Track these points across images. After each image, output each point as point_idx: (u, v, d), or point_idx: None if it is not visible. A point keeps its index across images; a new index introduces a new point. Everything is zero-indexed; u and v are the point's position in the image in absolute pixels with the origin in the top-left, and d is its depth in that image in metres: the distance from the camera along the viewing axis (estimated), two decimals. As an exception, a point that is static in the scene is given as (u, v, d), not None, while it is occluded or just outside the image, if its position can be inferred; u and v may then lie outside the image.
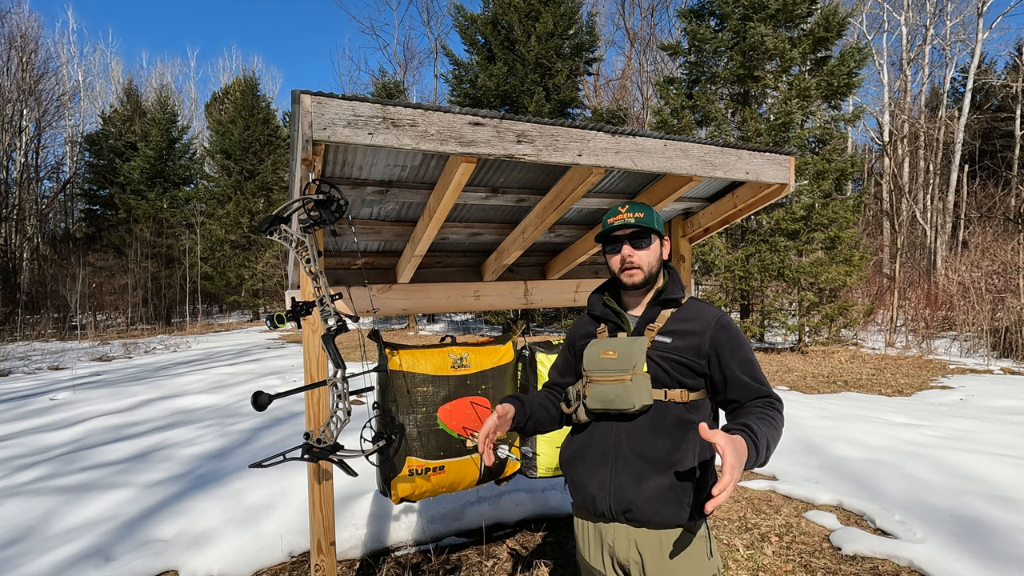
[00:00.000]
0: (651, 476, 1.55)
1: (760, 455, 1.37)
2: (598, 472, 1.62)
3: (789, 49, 12.75)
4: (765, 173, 2.47)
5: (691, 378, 1.58)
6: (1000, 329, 11.93)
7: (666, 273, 1.71)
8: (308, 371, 2.30)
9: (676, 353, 1.57)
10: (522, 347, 2.84)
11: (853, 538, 3.39)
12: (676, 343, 1.58)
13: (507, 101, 17.85)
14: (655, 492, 1.54)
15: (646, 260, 1.63)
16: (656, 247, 1.66)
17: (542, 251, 3.39)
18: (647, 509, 1.54)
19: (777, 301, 13.56)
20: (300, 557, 3.32)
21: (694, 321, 1.60)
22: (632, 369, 1.55)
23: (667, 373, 1.57)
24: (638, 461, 1.56)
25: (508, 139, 1.88)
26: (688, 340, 1.57)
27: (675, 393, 1.57)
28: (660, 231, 1.66)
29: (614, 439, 1.61)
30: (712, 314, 1.62)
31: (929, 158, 24.50)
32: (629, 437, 1.59)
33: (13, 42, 27.06)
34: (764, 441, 1.38)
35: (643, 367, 1.56)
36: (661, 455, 1.55)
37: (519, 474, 2.85)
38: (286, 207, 1.81)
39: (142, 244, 25.32)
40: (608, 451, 1.61)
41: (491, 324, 19.66)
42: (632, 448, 1.58)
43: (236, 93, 28.76)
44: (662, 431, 1.57)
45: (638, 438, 1.58)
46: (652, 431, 1.57)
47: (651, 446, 1.56)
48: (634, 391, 1.53)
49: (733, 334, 1.59)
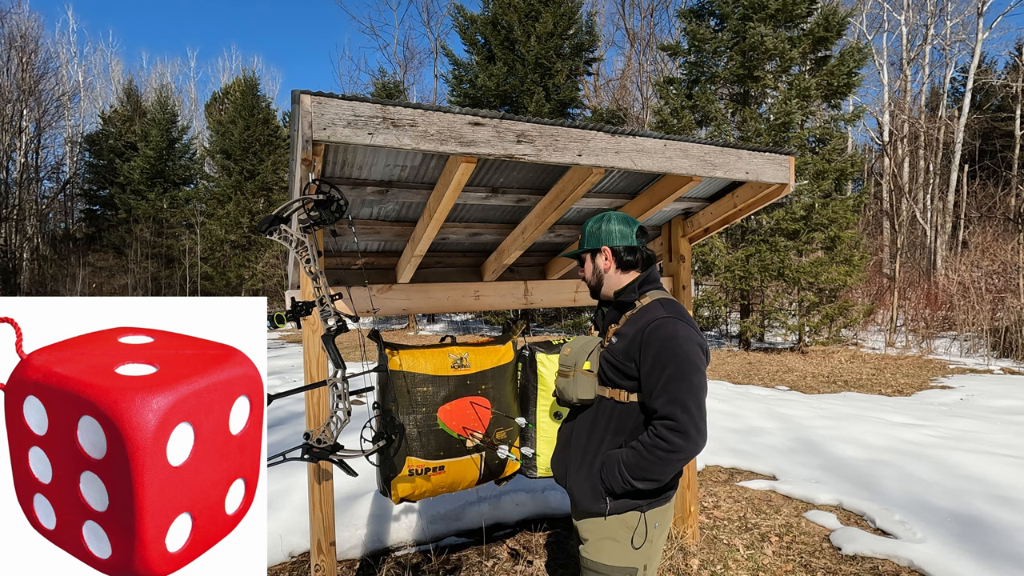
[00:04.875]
0: (581, 466, 1.74)
1: (607, 489, 1.63)
2: (561, 456, 1.87)
3: (789, 49, 12.75)
4: (765, 173, 2.47)
5: (624, 380, 1.68)
6: (1000, 329, 11.93)
7: (641, 274, 1.82)
8: (308, 371, 2.30)
9: (612, 355, 1.70)
10: (522, 347, 2.84)
11: (853, 538, 3.39)
12: (617, 344, 1.70)
13: (507, 101, 17.85)
14: (581, 481, 1.73)
15: (585, 274, 1.88)
16: (588, 262, 1.86)
17: (542, 251, 3.39)
18: (577, 495, 1.74)
19: (777, 301, 13.56)
20: (300, 557, 3.32)
21: (634, 324, 1.69)
22: (575, 366, 1.74)
23: (605, 373, 1.73)
24: (575, 451, 1.78)
25: (508, 139, 1.89)
26: (623, 342, 1.68)
27: (615, 392, 1.70)
28: (591, 248, 1.84)
29: (572, 427, 1.83)
30: (649, 318, 1.66)
31: (929, 158, 24.49)
32: (577, 427, 1.80)
33: (13, 42, 27.08)
34: (610, 481, 1.62)
35: (584, 365, 1.73)
36: (591, 447, 1.73)
37: (519, 474, 2.85)
38: (286, 207, 1.81)
39: (142, 244, 25.32)
40: (568, 437, 1.84)
41: (491, 324, 19.66)
42: (576, 438, 1.79)
43: (236, 93, 28.75)
44: (597, 426, 1.74)
45: (580, 430, 1.79)
46: (591, 424, 1.76)
47: (585, 438, 1.76)
48: (572, 386, 1.73)
49: (656, 342, 1.60)
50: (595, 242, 1.83)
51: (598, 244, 1.82)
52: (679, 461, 1.56)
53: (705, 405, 1.60)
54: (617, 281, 1.81)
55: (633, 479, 1.59)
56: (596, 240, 1.83)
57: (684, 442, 1.52)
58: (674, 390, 1.55)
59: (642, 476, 1.58)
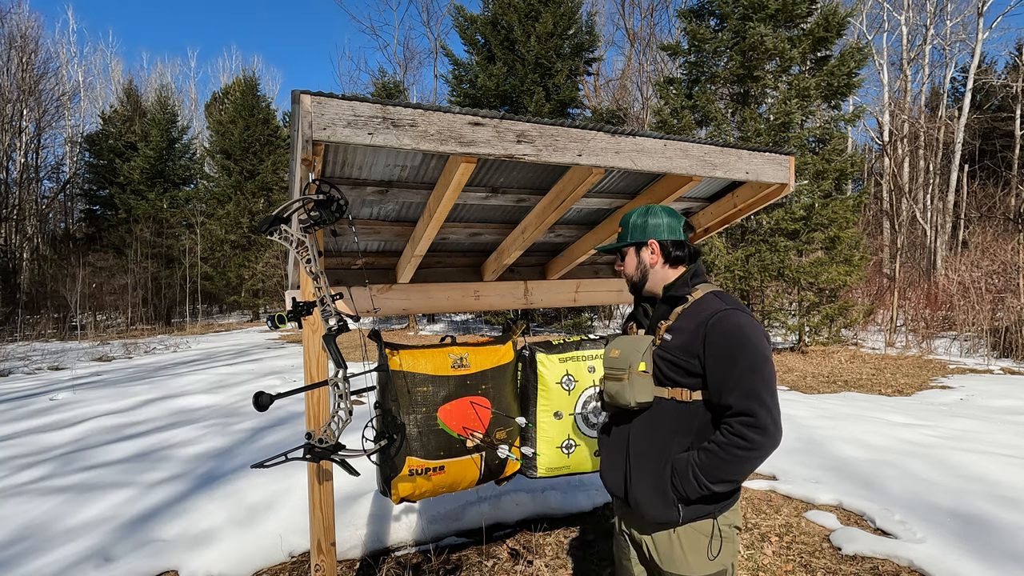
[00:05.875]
0: (644, 473, 1.62)
1: (680, 496, 1.54)
2: (617, 464, 1.71)
3: (789, 49, 12.74)
4: (765, 173, 2.47)
5: (685, 377, 1.57)
6: (1000, 329, 11.93)
7: (688, 268, 1.73)
8: (308, 371, 2.30)
9: (670, 352, 1.59)
10: (522, 347, 2.84)
11: (853, 538, 3.39)
12: (673, 341, 1.60)
13: (507, 101, 17.84)
14: (646, 489, 1.61)
15: (627, 269, 1.81)
16: (631, 256, 1.78)
17: (542, 251, 3.39)
18: (643, 505, 1.61)
19: (777, 301, 13.55)
20: (300, 557, 3.32)
21: (692, 318, 1.59)
22: (628, 369, 1.61)
23: (663, 372, 1.61)
24: (637, 457, 1.64)
25: (508, 139, 1.89)
26: (681, 338, 1.58)
27: (675, 392, 1.59)
28: (635, 241, 1.75)
29: (627, 434, 1.69)
30: (710, 311, 1.57)
31: (929, 158, 24.49)
32: (634, 433, 1.66)
33: (13, 42, 27.05)
34: (684, 487, 1.53)
35: (640, 366, 1.60)
36: (655, 452, 1.61)
37: (519, 474, 2.85)
38: (286, 207, 1.81)
39: (142, 244, 25.30)
40: (623, 444, 1.69)
41: (491, 324, 19.66)
42: (635, 444, 1.65)
43: (236, 93, 28.74)
44: (658, 429, 1.62)
45: (638, 434, 1.65)
46: (650, 428, 1.63)
47: (646, 443, 1.63)
48: (629, 389, 1.60)
49: (722, 335, 1.52)
50: (640, 235, 1.74)
51: (644, 237, 1.74)
52: (758, 459, 1.47)
53: (778, 397, 1.52)
54: (664, 276, 1.73)
55: (710, 482, 1.49)
56: (642, 233, 1.74)
57: (763, 438, 1.44)
58: (747, 384, 1.46)
59: (719, 478, 1.49)
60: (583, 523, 3.72)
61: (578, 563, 3.19)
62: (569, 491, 4.06)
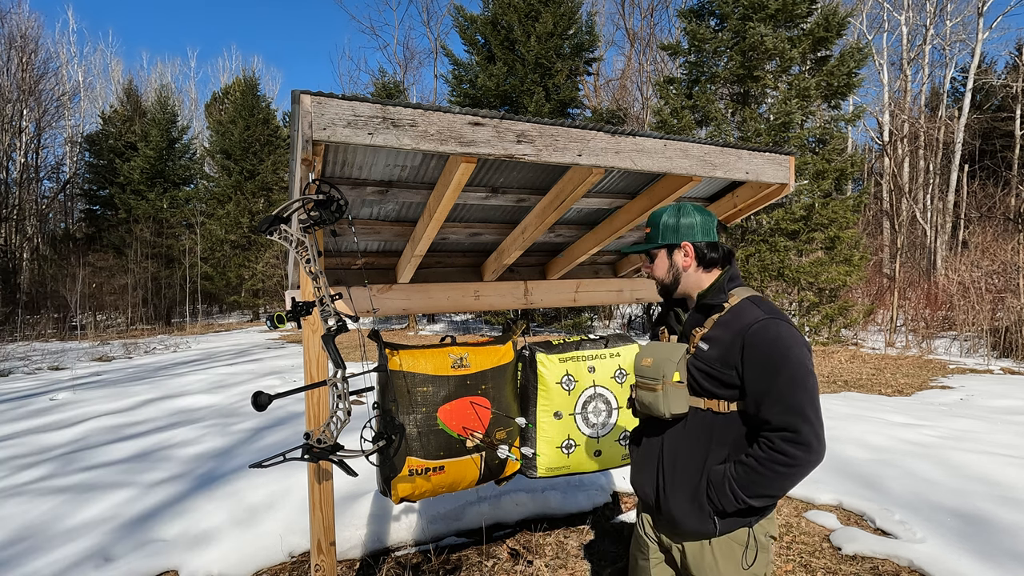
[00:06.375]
0: (679, 485, 1.57)
1: (717, 510, 1.51)
2: (648, 473, 1.67)
3: (789, 49, 12.74)
4: (765, 173, 2.47)
5: (722, 389, 1.52)
6: (1000, 329, 11.93)
7: (723, 272, 1.64)
8: (308, 371, 2.30)
9: (706, 362, 1.53)
10: (522, 347, 2.84)
11: (853, 538, 3.39)
12: (709, 351, 1.54)
13: (507, 101, 17.84)
14: (681, 501, 1.56)
15: (657, 272, 1.71)
16: (662, 259, 1.69)
17: (542, 251, 3.39)
18: (678, 517, 1.57)
19: (777, 301, 13.56)
20: (300, 557, 3.32)
21: (728, 328, 1.52)
22: (662, 379, 1.54)
23: (697, 382, 1.55)
24: (671, 468, 1.59)
25: (508, 139, 1.88)
26: (717, 349, 1.52)
27: (712, 403, 1.54)
28: (667, 242, 1.66)
29: (660, 444, 1.64)
30: (748, 320, 1.49)
31: (929, 158, 24.49)
32: (668, 443, 1.61)
33: (13, 42, 27.05)
34: (720, 501, 1.50)
35: (675, 376, 1.54)
36: (691, 464, 1.55)
37: (519, 474, 2.85)
38: (286, 207, 1.81)
39: (142, 244, 25.30)
40: (656, 454, 1.65)
41: (491, 324, 19.66)
42: (669, 454, 1.61)
43: (236, 93, 28.74)
44: (693, 439, 1.56)
45: (673, 445, 1.60)
46: (685, 439, 1.57)
47: (680, 454, 1.58)
48: (662, 400, 1.53)
49: (762, 346, 1.45)
50: (673, 237, 1.65)
51: (677, 239, 1.65)
52: (800, 476, 1.41)
53: (821, 410, 1.44)
54: (698, 280, 1.65)
55: (748, 497, 1.44)
56: (675, 235, 1.65)
57: (806, 454, 1.38)
58: (790, 397, 1.40)
59: (758, 493, 1.44)
60: (583, 523, 3.72)
61: (578, 563, 3.19)
62: (569, 491, 4.06)
